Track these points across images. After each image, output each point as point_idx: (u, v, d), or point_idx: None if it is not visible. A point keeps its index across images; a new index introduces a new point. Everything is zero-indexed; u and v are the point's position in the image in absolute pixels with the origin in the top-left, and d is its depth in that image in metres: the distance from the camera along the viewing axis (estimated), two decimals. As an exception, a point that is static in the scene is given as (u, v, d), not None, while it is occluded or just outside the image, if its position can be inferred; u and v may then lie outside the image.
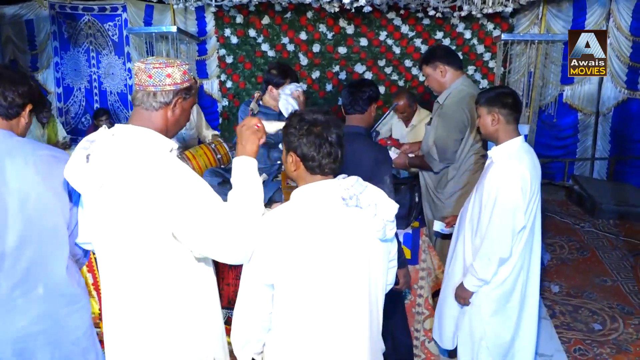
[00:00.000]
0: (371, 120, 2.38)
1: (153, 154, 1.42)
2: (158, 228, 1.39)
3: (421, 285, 2.64)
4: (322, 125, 1.45)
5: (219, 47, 6.05)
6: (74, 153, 1.44)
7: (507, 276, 2.18)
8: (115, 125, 1.48)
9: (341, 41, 5.80)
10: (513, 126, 2.17)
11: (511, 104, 2.15)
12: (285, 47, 5.89)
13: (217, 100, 6.33)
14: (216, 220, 1.38)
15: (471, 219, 2.25)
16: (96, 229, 1.50)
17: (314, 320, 1.43)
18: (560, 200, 5.99)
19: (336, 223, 1.42)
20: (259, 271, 1.43)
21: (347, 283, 1.43)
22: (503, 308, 2.23)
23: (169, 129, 1.53)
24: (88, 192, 1.45)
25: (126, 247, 1.45)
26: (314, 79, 5.94)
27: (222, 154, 3.66)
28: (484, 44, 5.66)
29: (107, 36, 6.48)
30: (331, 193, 1.43)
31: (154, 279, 1.46)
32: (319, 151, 1.44)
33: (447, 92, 2.81)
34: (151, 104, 1.47)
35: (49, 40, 6.61)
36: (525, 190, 2.06)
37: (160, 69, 1.45)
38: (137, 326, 1.49)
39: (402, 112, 3.97)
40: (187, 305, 1.50)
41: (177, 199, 1.36)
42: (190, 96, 1.56)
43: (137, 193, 1.37)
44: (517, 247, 2.16)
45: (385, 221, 1.42)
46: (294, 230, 1.40)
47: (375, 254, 1.48)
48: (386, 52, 5.78)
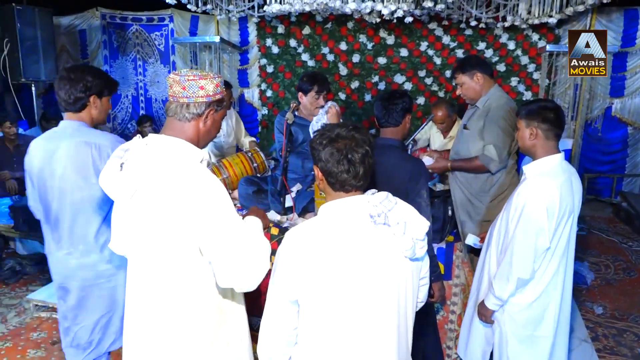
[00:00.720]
0: (406, 132, 2.35)
1: (184, 164, 1.45)
2: (184, 239, 1.42)
3: (454, 302, 2.58)
4: (343, 141, 1.41)
5: (260, 56, 6.15)
6: (108, 161, 1.50)
7: (533, 300, 2.09)
8: (149, 134, 1.53)
9: (381, 51, 5.78)
10: (552, 142, 2.08)
11: (553, 119, 2.05)
12: (325, 57, 5.92)
13: (257, 109, 6.42)
14: (236, 238, 1.42)
15: (498, 233, 2.19)
16: (127, 236, 1.54)
17: (338, 339, 1.40)
18: (607, 217, 5.75)
19: (363, 241, 1.37)
20: (283, 287, 1.42)
21: (374, 302, 1.39)
22: (532, 336, 2.13)
23: (200, 139, 1.56)
24: (121, 200, 1.50)
25: (154, 256, 1.49)
26: (353, 89, 5.94)
27: (258, 162, 3.72)
28: (528, 55, 5.52)
29: (154, 45, 6.70)
30: (358, 210, 1.40)
31: (178, 289, 1.48)
32: (337, 168, 1.41)
33: (485, 98, 2.80)
34: (184, 115, 1.51)
35: (100, 49, 6.90)
36: (552, 212, 1.96)
37: (194, 81, 1.48)
38: (157, 335, 1.52)
39: (441, 122, 3.92)
40: (211, 317, 1.53)
41: (202, 211, 1.39)
42: (222, 108, 1.60)
43: (166, 203, 1.40)
44: (546, 270, 2.06)
45: (415, 240, 1.37)
46: (319, 247, 1.37)
47: (405, 273, 1.43)
48: (427, 63, 5.72)
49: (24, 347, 3.12)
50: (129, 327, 1.60)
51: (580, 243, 4.79)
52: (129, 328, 1.60)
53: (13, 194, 4.53)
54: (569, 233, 2.07)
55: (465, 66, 2.85)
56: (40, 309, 3.56)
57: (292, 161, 3.24)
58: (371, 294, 1.38)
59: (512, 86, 5.59)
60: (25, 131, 5.43)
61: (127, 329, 1.61)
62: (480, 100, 2.82)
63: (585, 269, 4.13)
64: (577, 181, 2.11)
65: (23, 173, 1.97)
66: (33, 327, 3.38)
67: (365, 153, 1.42)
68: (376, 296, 1.39)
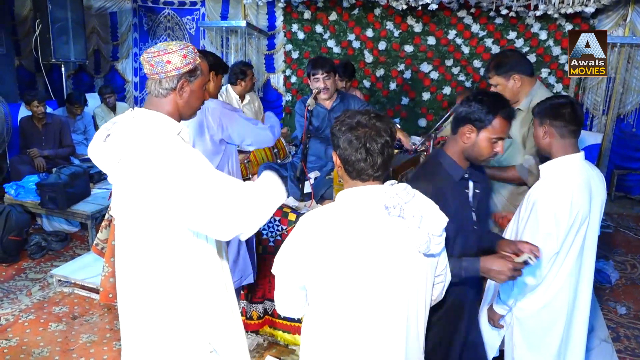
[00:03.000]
0: None
1: (161, 135, 1.49)
2: (162, 205, 1.45)
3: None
4: (363, 129, 1.37)
5: (286, 42, 6.12)
6: (97, 132, 1.58)
7: (543, 305, 1.99)
8: (136, 109, 1.58)
9: (408, 39, 5.69)
10: (569, 140, 1.95)
11: (566, 115, 1.92)
12: (350, 44, 5.86)
13: (282, 95, 6.41)
14: (219, 184, 1.45)
15: (510, 234, 2.12)
16: (116, 202, 1.61)
17: (344, 329, 1.38)
18: (636, 215, 5.58)
19: (376, 232, 1.34)
20: (290, 272, 1.42)
21: (381, 295, 1.36)
22: (541, 343, 2.04)
23: (182, 111, 1.60)
24: (106, 169, 1.57)
25: (137, 221, 1.54)
26: (378, 77, 5.87)
27: (279, 148, 3.72)
28: (560, 46, 5.35)
29: (185, 29, 6.74)
30: (374, 200, 1.36)
31: (158, 253, 1.54)
32: (355, 156, 1.37)
33: (527, 99, 2.50)
34: (159, 91, 1.55)
35: (130, 32, 6.97)
36: (561, 218, 1.85)
37: (159, 56, 1.50)
38: (141, 292, 1.60)
39: None
40: (185, 282, 1.57)
41: (175, 175, 1.41)
42: (196, 77, 1.60)
43: (144, 171, 1.45)
44: (557, 274, 1.96)
45: (430, 235, 1.33)
46: (330, 235, 1.35)
47: (418, 268, 1.39)
48: (454, 52, 5.61)
49: (46, 320, 3.22)
50: (120, 286, 1.68)
51: (606, 241, 4.68)
52: (120, 288, 1.68)
53: (41, 171, 4.64)
54: (584, 236, 1.96)
55: (500, 67, 2.55)
56: (63, 284, 3.65)
57: (314, 147, 3.23)
58: (379, 287, 1.35)
59: (543, 78, 5.44)
60: (54, 111, 5.55)
61: (118, 288, 1.69)
62: (523, 102, 2.51)
63: (610, 267, 4.02)
64: (599, 182, 2.00)
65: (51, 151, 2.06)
66: (55, 301, 3.48)
67: (385, 143, 1.37)
68: (384, 289, 1.36)
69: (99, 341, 3.01)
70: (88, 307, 3.42)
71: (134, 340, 1.66)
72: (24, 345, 2.96)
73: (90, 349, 2.95)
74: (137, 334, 1.64)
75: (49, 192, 3.96)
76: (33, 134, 4.85)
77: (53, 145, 4.91)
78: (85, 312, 3.35)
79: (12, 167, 4.76)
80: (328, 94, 3.14)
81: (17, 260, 4.04)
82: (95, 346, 2.96)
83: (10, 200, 4.22)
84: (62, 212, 4.12)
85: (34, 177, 4.30)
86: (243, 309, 3.01)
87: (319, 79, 3.08)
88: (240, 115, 2.49)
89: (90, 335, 3.07)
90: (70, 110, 5.44)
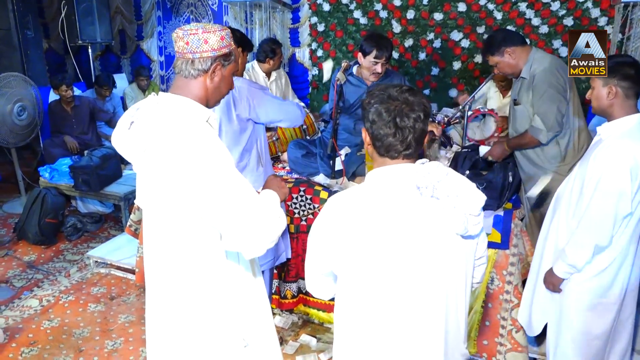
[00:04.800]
0: None
1: (188, 123, 1.41)
2: (186, 199, 1.40)
3: (511, 272, 2.46)
4: (395, 102, 1.28)
5: (311, 14, 5.98)
6: (120, 120, 1.51)
7: (605, 267, 1.98)
8: (160, 93, 1.50)
9: (437, 7, 5.47)
10: (632, 101, 1.92)
11: (633, 75, 1.89)
12: (377, 14, 5.67)
13: (308, 69, 6.30)
14: (235, 200, 1.35)
15: (570, 198, 2.05)
16: (142, 192, 1.55)
17: (377, 319, 1.32)
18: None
19: (408, 214, 1.26)
20: (317, 259, 1.38)
21: (417, 282, 1.29)
22: (598, 303, 2.03)
23: (209, 97, 1.53)
24: (131, 158, 1.51)
25: (163, 213, 1.50)
26: (407, 48, 5.69)
27: (307, 124, 3.65)
28: (599, 8, 5.06)
29: (207, 5, 6.64)
30: (405, 179, 1.28)
31: (185, 247, 1.49)
32: (384, 130, 1.29)
33: (527, 66, 2.65)
34: (189, 71, 1.47)
35: (153, 10, 6.91)
36: (635, 173, 1.82)
37: (196, 35, 1.43)
38: (169, 288, 1.56)
39: (502, 80, 3.67)
40: (215, 277, 1.53)
41: (200, 172, 1.35)
42: (230, 63, 1.53)
43: (170, 162, 1.38)
44: (621, 236, 1.93)
45: (468, 215, 1.25)
46: (357, 219, 1.28)
47: (455, 251, 1.31)
48: (486, 18, 5.36)
49: (85, 301, 3.28)
50: (148, 280, 1.65)
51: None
52: (149, 281, 1.64)
53: (75, 153, 4.70)
54: None
55: (490, 47, 2.74)
56: (100, 265, 3.72)
57: (343, 122, 3.15)
58: (414, 273, 1.28)
59: (581, 42, 5.18)
60: (83, 93, 5.59)
61: (147, 281, 1.66)
62: (524, 70, 2.67)
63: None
64: None
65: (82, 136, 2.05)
66: (93, 282, 3.55)
67: (417, 118, 1.28)
68: (420, 276, 1.29)
69: (136, 321, 3.06)
70: (125, 287, 3.48)
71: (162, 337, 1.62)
72: (65, 326, 3.03)
73: (129, 328, 3.00)
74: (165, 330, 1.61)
75: (81, 174, 4.01)
76: (63, 117, 4.90)
77: (84, 127, 4.96)
78: (122, 293, 3.40)
79: (45, 150, 4.82)
80: (378, 78, 3.05)
81: (54, 242, 4.13)
82: (133, 326, 3.01)
83: (46, 184, 4.30)
84: (96, 194, 4.17)
85: (67, 160, 4.35)
86: (277, 287, 3.00)
87: (379, 63, 2.96)
88: (268, 94, 2.42)
89: (128, 316, 3.13)
90: (99, 92, 5.46)
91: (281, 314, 3.08)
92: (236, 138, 2.39)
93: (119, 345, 2.86)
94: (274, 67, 4.20)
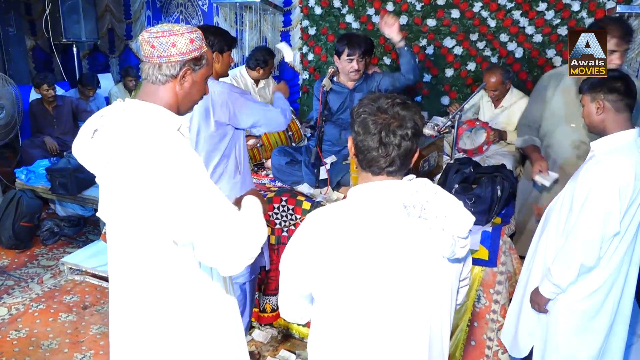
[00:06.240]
0: None
1: (158, 131, 1.30)
2: (155, 213, 1.28)
3: (498, 291, 2.36)
4: (383, 115, 1.18)
5: (302, 17, 5.88)
6: (82, 128, 1.39)
7: (595, 289, 1.89)
8: (127, 100, 1.39)
9: (431, 13, 5.39)
10: (624, 115, 1.84)
11: (621, 87, 1.83)
12: (370, 19, 5.58)
13: (299, 73, 6.20)
14: (210, 212, 1.25)
15: (558, 216, 1.97)
16: (105, 205, 1.44)
17: (358, 344, 1.22)
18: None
19: (393, 235, 1.16)
20: (293, 280, 1.27)
21: (401, 306, 1.19)
22: (587, 326, 1.94)
23: (180, 103, 1.42)
24: (93, 169, 1.40)
25: (127, 228, 1.38)
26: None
27: (293, 131, 3.54)
28: (594, 17, 5.00)
29: (197, 6, 6.52)
30: (391, 198, 1.18)
31: (150, 267, 1.38)
32: (366, 143, 1.19)
33: None
34: (157, 77, 1.36)
35: (143, 10, 6.78)
36: (624, 193, 1.74)
37: (164, 37, 1.32)
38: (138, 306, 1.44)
39: (494, 89, 3.54)
40: (184, 301, 1.42)
41: (172, 184, 1.23)
42: (201, 67, 1.42)
43: (137, 173, 1.26)
44: (612, 257, 1.85)
45: (455, 237, 1.16)
46: (338, 238, 1.18)
47: (442, 274, 1.22)
48: (480, 25, 5.28)
49: (56, 310, 3.15)
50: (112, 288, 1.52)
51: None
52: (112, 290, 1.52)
53: (54, 154, 4.56)
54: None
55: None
56: (75, 272, 3.58)
57: (328, 131, 3.04)
58: (397, 297, 1.18)
59: (574, 52, 5.11)
60: (66, 92, 5.44)
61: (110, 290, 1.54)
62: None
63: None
64: None
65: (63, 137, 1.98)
66: (67, 290, 3.41)
67: (404, 136, 1.18)
68: (403, 300, 1.19)
69: (109, 332, 2.92)
70: (99, 296, 3.34)
71: (126, 354, 1.51)
72: (33, 337, 2.89)
73: (100, 340, 2.87)
74: (129, 347, 1.50)
75: (58, 177, 3.86)
76: (44, 117, 4.76)
77: (65, 127, 4.82)
78: (97, 302, 3.27)
79: (24, 151, 4.67)
80: (358, 76, 2.95)
81: (29, 247, 3.99)
82: (105, 338, 2.88)
83: (22, 186, 4.15)
84: (73, 198, 4.02)
85: (44, 162, 4.21)
86: (256, 300, 2.88)
87: (353, 60, 2.87)
88: (249, 99, 2.31)
89: (101, 327, 2.99)
90: (83, 92, 5.32)
91: (260, 327, 2.96)
92: (214, 144, 2.29)
93: (88, 359, 2.72)
94: (263, 77, 4.11)
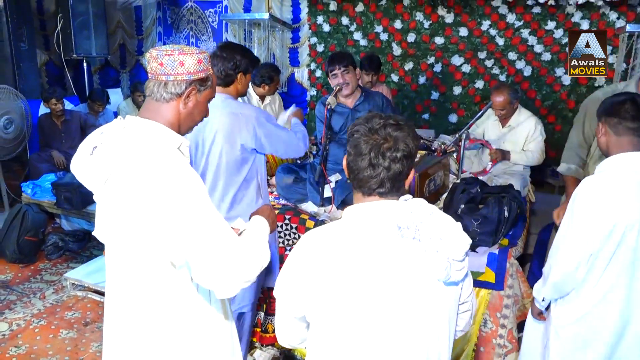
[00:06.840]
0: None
1: (158, 149, 1.29)
2: (154, 233, 1.26)
3: (505, 315, 2.30)
4: (374, 136, 1.18)
5: (311, 35, 5.91)
6: (81, 145, 1.38)
7: (581, 316, 1.77)
8: (127, 117, 1.38)
9: (439, 30, 5.40)
10: (626, 138, 1.76)
11: (623, 111, 1.77)
12: (378, 36, 5.60)
13: (307, 89, 6.21)
14: (208, 236, 1.23)
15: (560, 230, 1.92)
16: (102, 224, 1.42)
17: None
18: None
19: (387, 256, 1.14)
20: (288, 302, 1.25)
21: (394, 330, 1.16)
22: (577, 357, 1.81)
23: (182, 123, 1.41)
24: (91, 186, 1.38)
25: (127, 248, 1.35)
26: (407, 71, 5.60)
27: (298, 148, 3.51)
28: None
29: (207, 22, 6.59)
30: (385, 218, 1.16)
31: (149, 285, 1.35)
32: (357, 163, 1.19)
33: None
34: (162, 94, 1.36)
35: (154, 26, 6.87)
36: (598, 215, 1.66)
37: (172, 56, 1.33)
38: (133, 327, 1.40)
39: (501, 109, 3.47)
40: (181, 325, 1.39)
41: (172, 204, 1.22)
42: (206, 88, 1.43)
43: (136, 193, 1.25)
44: (598, 283, 1.73)
45: (451, 260, 1.13)
46: (332, 258, 1.16)
47: (438, 298, 1.19)
48: (488, 44, 5.28)
49: (57, 327, 3.12)
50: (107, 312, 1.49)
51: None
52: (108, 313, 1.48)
53: (61, 168, 4.57)
54: (636, 245, 1.69)
55: None
56: (77, 287, 3.56)
57: (332, 150, 3.02)
58: (392, 321, 1.16)
59: (584, 71, 5.08)
60: (76, 107, 5.49)
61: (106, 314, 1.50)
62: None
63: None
64: None
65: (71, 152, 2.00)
66: (69, 305, 3.38)
67: (394, 159, 1.17)
68: (399, 324, 1.16)
69: (108, 351, 2.89)
70: (101, 312, 3.30)
71: None
72: (33, 354, 2.86)
73: (99, 359, 2.83)
74: None
75: (64, 192, 3.87)
76: (52, 131, 4.79)
77: (73, 142, 4.84)
78: (98, 318, 3.24)
79: (31, 165, 4.70)
80: (349, 89, 2.92)
81: (33, 261, 3.98)
82: (105, 356, 2.84)
83: (28, 200, 4.16)
84: (78, 213, 4.02)
85: (50, 176, 4.23)
86: (259, 320, 2.84)
87: (337, 75, 2.88)
88: (275, 125, 2.30)
89: (100, 344, 2.95)
90: (92, 107, 5.36)
91: (262, 348, 2.91)
92: (237, 167, 2.26)
93: (87, 377, 2.69)
94: (269, 93, 4.12)
